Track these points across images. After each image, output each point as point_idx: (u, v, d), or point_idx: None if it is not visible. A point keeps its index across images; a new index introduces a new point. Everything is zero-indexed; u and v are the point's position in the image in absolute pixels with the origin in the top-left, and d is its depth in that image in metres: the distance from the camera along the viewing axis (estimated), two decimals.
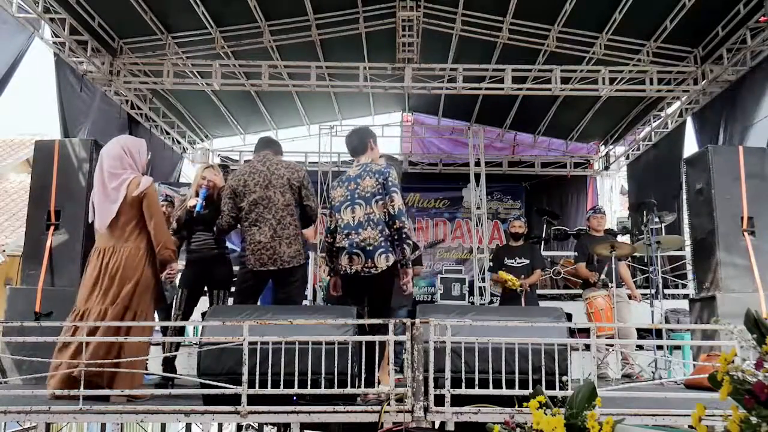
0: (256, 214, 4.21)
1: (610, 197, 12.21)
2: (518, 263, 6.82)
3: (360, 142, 4.21)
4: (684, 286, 8.59)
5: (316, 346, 3.33)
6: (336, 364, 3.35)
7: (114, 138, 4.18)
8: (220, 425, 6.00)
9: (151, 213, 3.85)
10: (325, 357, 3.33)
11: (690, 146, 8.95)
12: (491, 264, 7.71)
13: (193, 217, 4.72)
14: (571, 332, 3.50)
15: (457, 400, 3.27)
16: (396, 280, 4.06)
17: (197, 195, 4.70)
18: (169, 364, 4.80)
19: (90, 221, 4.04)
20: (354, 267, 3.92)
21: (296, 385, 3.30)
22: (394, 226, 3.93)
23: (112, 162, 3.87)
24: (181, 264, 4.76)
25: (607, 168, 12.21)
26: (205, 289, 4.92)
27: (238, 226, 4.48)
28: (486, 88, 8.74)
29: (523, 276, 6.66)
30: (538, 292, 7.50)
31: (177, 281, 4.66)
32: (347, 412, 3.28)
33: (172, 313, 4.81)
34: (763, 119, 6.98)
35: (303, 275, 4.34)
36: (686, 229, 7.48)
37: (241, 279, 4.37)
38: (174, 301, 4.80)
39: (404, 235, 3.95)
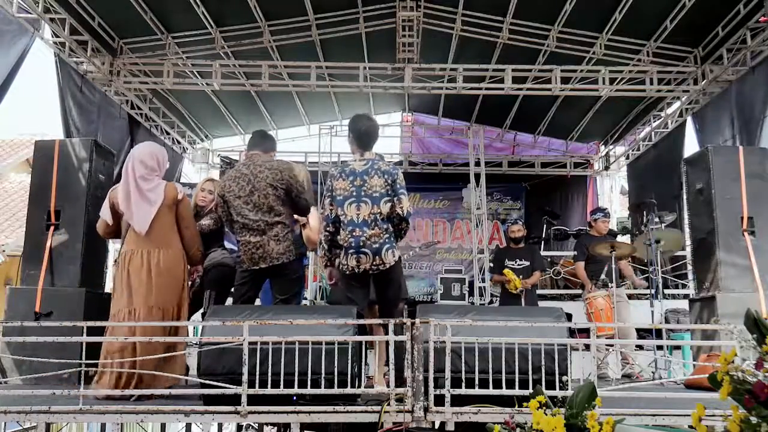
0: (243, 218, 4.26)
1: (610, 197, 12.21)
2: (518, 265, 6.87)
3: (376, 135, 4.26)
4: (684, 286, 8.58)
5: (316, 346, 3.33)
6: (336, 364, 3.35)
7: (144, 144, 4.27)
8: (220, 425, 6.00)
9: (186, 217, 4.12)
10: (325, 357, 3.33)
11: (690, 146, 8.96)
12: (491, 265, 7.74)
13: None
14: (571, 332, 3.50)
15: (457, 400, 3.27)
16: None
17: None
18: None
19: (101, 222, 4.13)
20: (362, 266, 3.97)
21: (296, 385, 3.30)
22: (400, 226, 4.10)
23: (145, 169, 3.99)
24: None
25: (607, 168, 12.21)
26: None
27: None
28: (486, 88, 8.74)
29: (522, 277, 6.73)
30: (538, 292, 7.53)
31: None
32: (347, 412, 3.28)
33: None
34: (763, 119, 6.98)
35: (296, 270, 4.33)
36: (687, 229, 7.47)
37: (239, 279, 4.41)
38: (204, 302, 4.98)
39: (403, 234, 4.18)
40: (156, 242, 3.91)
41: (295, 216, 4.58)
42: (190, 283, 4.48)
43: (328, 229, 4.13)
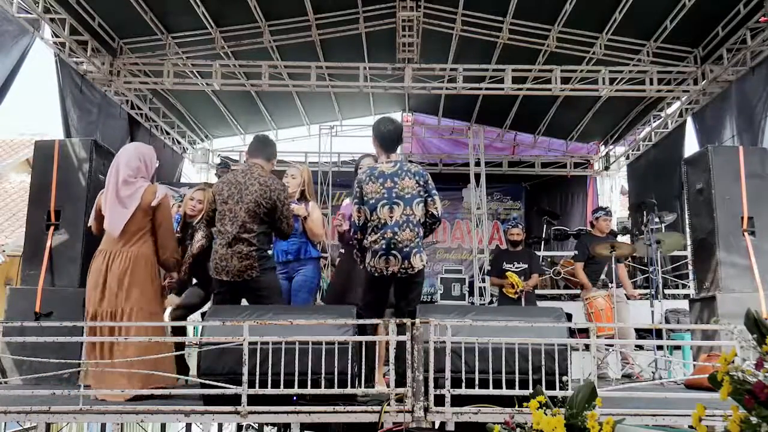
0: (221, 225, 4.19)
1: (610, 197, 12.22)
2: (516, 268, 6.88)
3: (400, 138, 4.28)
4: (684, 286, 8.58)
5: (316, 346, 3.33)
6: (336, 364, 3.34)
7: (130, 145, 4.25)
8: (220, 425, 6.00)
9: (162, 222, 3.98)
10: (325, 357, 3.33)
11: (690, 146, 8.97)
12: (490, 267, 7.74)
13: None
14: (571, 332, 3.49)
15: (457, 400, 3.27)
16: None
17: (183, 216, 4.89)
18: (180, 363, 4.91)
19: (90, 224, 4.15)
20: (391, 269, 3.92)
21: (296, 385, 3.30)
22: (434, 226, 4.14)
23: (129, 171, 3.93)
24: None
25: (607, 168, 12.22)
26: None
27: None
28: (486, 88, 8.75)
29: (522, 279, 6.73)
30: (538, 292, 7.54)
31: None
32: (347, 412, 3.28)
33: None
34: (763, 119, 6.98)
35: (265, 287, 4.18)
36: (687, 229, 7.47)
37: (215, 287, 4.35)
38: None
39: (431, 233, 4.24)
40: (121, 245, 3.86)
41: (295, 210, 4.56)
42: (167, 283, 4.41)
43: (356, 236, 4.09)
